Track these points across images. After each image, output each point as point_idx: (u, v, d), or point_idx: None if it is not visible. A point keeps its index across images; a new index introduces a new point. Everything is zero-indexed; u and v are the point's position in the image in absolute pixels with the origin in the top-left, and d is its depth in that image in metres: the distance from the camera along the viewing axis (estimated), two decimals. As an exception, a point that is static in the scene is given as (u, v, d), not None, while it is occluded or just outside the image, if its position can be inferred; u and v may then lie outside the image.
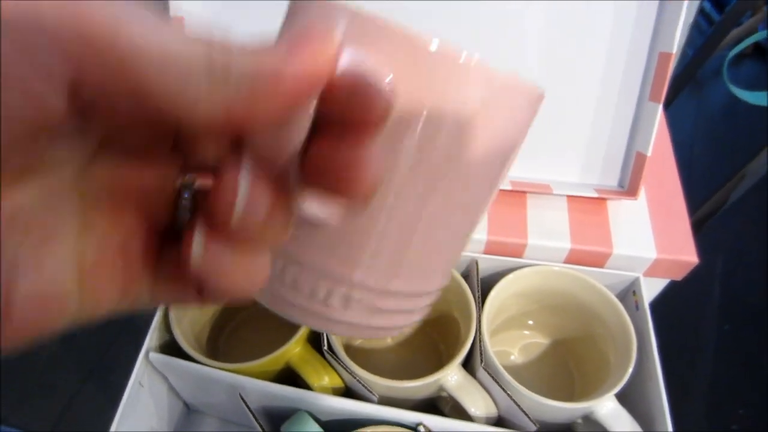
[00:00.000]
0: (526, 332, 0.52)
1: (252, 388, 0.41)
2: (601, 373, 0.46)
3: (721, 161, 1.46)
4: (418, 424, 0.39)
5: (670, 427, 0.39)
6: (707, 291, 1.19)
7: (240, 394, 0.41)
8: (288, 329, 0.43)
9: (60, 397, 1.01)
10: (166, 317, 0.44)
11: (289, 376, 0.44)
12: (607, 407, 0.41)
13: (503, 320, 0.50)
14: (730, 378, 1.07)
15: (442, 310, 0.50)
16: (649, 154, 0.46)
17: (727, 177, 1.03)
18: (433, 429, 0.39)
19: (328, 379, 0.43)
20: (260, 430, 0.40)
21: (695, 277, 0.49)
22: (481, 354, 0.42)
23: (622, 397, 0.41)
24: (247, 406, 0.41)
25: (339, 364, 0.42)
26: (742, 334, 1.13)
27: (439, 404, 0.47)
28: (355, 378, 0.40)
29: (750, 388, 1.05)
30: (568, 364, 0.51)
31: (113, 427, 0.40)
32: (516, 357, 0.52)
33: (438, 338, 0.52)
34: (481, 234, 0.47)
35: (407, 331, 0.53)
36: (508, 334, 0.52)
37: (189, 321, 0.46)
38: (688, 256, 0.46)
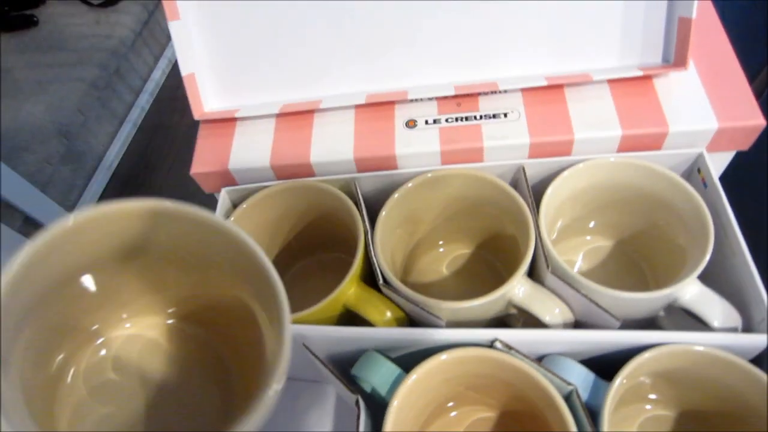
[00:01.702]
0: (588, 237, 0.49)
1: (314, 336, 0.39)
2: (675, 262, 0.42)
3: None
4: (494, 341, 0.37)
5: (766, 300, 0.36)
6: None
7: (304, 344, 0.40)
8: (334, 276, 0.41)
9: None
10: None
11: (350, 322, 0.42)
12: (691, 292, 0.38)
13: (561, 228, 0.47)
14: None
15: (492, 228, 0.47)
16: (693, 16, 0.41)
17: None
18: (510, 343, 0.37)
19: (390, 314, 0.41)
20: (332, 375, 0.39)
21: (759, 145, 0.45)
22: (546, 259, 0.39)
23: (707, 283, 0.38)
24: (314, 354, 0.40)
25: (398, 295, 0.40)
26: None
27: (510, 323, 0.45)
28: (418, 306, 0.38)
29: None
30: (638, 263, 0.48)
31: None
32: (581, 264, 0.49)
33: (494, 258, 0.49)
34: (521, 138, 0.44)
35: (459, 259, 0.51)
36: (568, 243, 0.49)
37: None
38: (754, 120, 0.42)
